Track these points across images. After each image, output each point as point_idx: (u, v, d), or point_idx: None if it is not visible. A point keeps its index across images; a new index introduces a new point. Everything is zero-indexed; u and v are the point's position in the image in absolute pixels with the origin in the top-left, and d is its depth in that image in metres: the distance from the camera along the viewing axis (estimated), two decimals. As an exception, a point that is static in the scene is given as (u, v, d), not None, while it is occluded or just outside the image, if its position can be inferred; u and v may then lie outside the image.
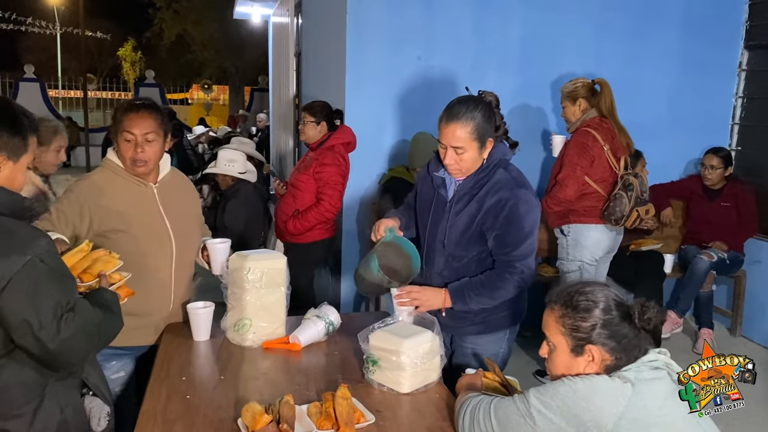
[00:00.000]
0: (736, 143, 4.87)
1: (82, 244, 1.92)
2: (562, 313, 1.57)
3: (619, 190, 3.64)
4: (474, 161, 2.19)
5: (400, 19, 4.18)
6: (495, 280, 2.19)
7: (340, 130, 3.85)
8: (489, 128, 2.17)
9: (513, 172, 2.21)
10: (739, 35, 4.73)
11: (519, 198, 2.13)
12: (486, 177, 2.19)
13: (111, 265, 1.93)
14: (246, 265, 2.22)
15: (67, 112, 19.97)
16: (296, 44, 7.53)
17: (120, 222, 2.25)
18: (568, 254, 3.75)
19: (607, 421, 1.40)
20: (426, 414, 1.82)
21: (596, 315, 1.52)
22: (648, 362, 1.48)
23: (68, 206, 2.21)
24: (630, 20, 4.46)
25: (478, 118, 2.14)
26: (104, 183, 2.29)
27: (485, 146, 2.18)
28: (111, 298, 1.80)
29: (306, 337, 2.24)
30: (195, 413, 1.77)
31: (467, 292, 2.21)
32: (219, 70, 25.29)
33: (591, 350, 1.52)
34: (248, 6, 10.66)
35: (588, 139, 3.62)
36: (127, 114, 2.25)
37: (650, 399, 1.41)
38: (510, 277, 2.18)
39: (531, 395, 1.50)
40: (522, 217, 2.13)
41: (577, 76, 3.84)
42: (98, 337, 1.63)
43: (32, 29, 22.51)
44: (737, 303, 4.61)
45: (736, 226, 4.44)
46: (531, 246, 2.18)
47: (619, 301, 1.55)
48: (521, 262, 2.18)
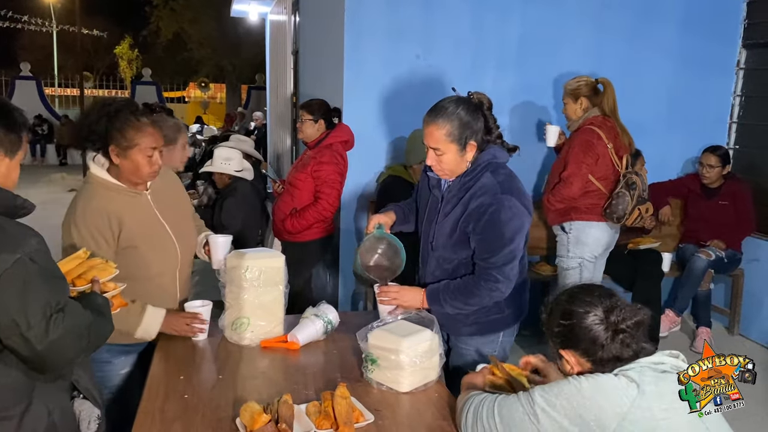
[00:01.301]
0: (734, 142, 4.87)
1: (80, 251, 1.88)
2: (545, 320, 1.63)
3: (622, 189, 3.66)
4: (455, 163, 2.15)
5: (398, 17, 4.17)
6: (470, 287, 2.17)
7: (338, 128, 3.84)
8: (471, 131, 2.12)
9: (500, 177, 2.13)
10: (738, 33, 4.73)
11: (502, 204, 2.07)
12: (472, 180, 2.15)
13: (106, 273, 1.88)
14: (244, 263, 2.21)
15: (64, 110, 19.93)
16: (294, 42, 7.52)
17: (128, 238, 2.18)
18: (568, 251, 3.75)
19: (610, 421, 1.39)
20: (425, 413, 1.82)
21: (559, 321, 1.56)
22: (652, 363, 1.47)
23: (102, 242, 2.12)
24: (629, 18, 4.46)
25: (456, 120, 2.10)
26: (105, 203, 2.16)
27: (466, 149, 2.13)
28: (102, 302, 1.75)
29: (304, 335, 2.24)
30: (193, 413, 1.76)
31: (443, 296, 2.19)
32: (216, 68, 25.24)
33: (564, 355, 1.57)
34: (245, 4, 10.65)
35: (593, 137, 3.63)
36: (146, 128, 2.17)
37: (655, 401, 1.40)
38: (484, 285, 2.14)
39: (536, 393, 1.50)
40: (503, 223, 2.08)
41: (576, 74, 3.84)
42: (87, 340, 1.59)
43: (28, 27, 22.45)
44: (735, 301, 4.62)
45: (734, 224, 4.45)
46: (511, 254, 2.12)
47: (588, 304, 1.54)
48: (497, 270, 2.12)
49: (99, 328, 1.65)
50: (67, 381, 1.72)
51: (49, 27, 24.08)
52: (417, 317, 2.09)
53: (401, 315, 2.14)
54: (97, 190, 2.18)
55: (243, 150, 4.44)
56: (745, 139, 4.82)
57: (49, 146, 16.92)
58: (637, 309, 1.52)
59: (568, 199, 3.67)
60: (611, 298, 1.54)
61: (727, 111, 4.85)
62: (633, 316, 1.50)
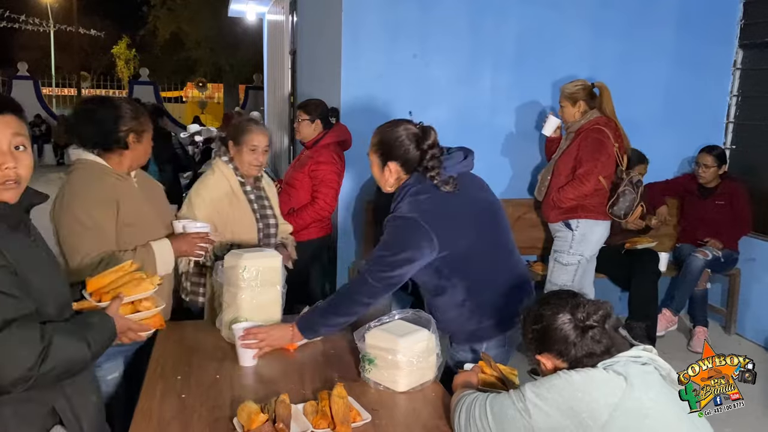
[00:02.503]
0: (730, 141, 4.88)
1: (125, 263, 1.84)
2: (522, 329, 1.66)
3: (627, 186, 3.76)
4: (378, 176, 2.20)
5: (395, 17, 4.17)
6: (339, 295, 2.14)
7: (335, 128, 3.84)
8: (393, 153, 2.12)
9: (416, 198, 2.07)
10: (734, 34, 4.74)
11: (403, 219, 2.04)
12: (395, 205, 2.14)
13: (140, 289, 1.79)
14: (241, 263, 2.21)
15: (61, 110, 19.92)
16: (291, 42, 7.52)
17: (125, 216, 2.22)
18: (570, 248, 3.79)
19: (602, 412, 1.41)
20: (422, 412, 1.82)
21: (532, 326, 1.59)
22: (632, 357, 1.51)
23: (112, 218, 2.19)
24: (625, 18, 4.47)
25: (381, 135, 2.16)
26: (102, 183, 2.21)
27: (385, 168, 2.15)
28: (96, 322, 1.59)
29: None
30: (190, 413, 1.76)
31: (314, 319, 2.15)
32: (214, 68, 25.21)
33: (541, 359, 1.59)
34: (243, 4, 10.64)
35: (603, 137, 3.70)
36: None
37: (643, 391, 1.43)
38: (356, 288, 2.11)
39: (527, 389, 1.51)
40: (396, 235, 2.05)
41: (572, 75, 3.86)
42: (38, 359, 1.38)
43: (26, 27, 22.44)
44: (731, 301, 4.63)
45: (731, 224, 4.45)
46: (390, 265, 2.03)
47: (556, 306, 1.56)
48: (372, 274, 2.05)
49: (65, 350, 1.45)
50: (44, 407, 1.53)
51: (47, 27, 24.08)
52: (414, 317, 2.09)
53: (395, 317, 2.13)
54: (92, 172, 2.23)
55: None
56: (741, 139, 4.83)
57: (46, 146, 16.90)
58: (600, 303, 1.55)
59: (581, 197, 3.73)
60: (575, 298, 1.58)
61: (723, 111, 4.86)
62: (597, 311, 1.53)
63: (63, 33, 24.34)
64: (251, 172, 2.80)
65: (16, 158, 1.47)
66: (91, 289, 1.76)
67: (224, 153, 2.81)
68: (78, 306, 1.69)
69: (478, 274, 2.16)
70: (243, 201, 2.77)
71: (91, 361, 1.54)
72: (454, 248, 2.07)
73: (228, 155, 2.79)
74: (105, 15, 29.93)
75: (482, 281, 2.17)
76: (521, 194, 4.48)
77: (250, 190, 2.83)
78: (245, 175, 2.80)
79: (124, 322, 1.75)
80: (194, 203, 2.66)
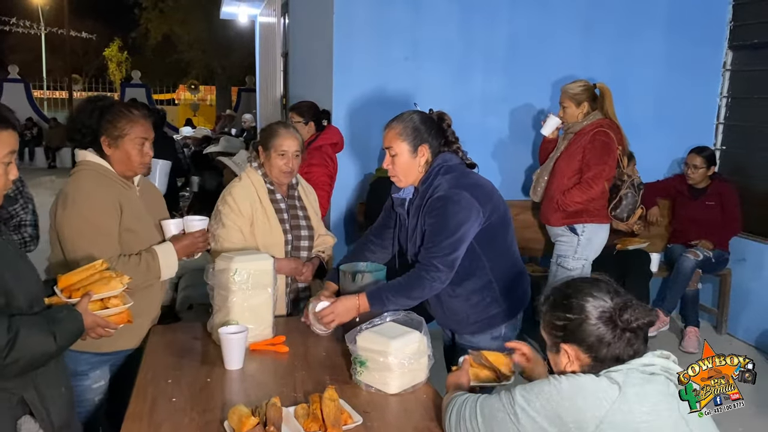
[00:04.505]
0: (720, 142, 4.91)
1: (96, 262, 1.87)
2: (544, 310, 1.57)
3: (628, 189, 3.78)
4: (407, 165, 2.22)
5: (387, 19, 4.18)
6: (412, 279, 2.19)
7: (327, 130, 3.84)
8: (422, 135, 2.21)
9: (451, 175, 2.18)
10: (724, 35, 4.78)
11: (449, 198, 2.13)
12: (427, 187, 2.20)
13: (109, 287, 1.82)
14: (232, 266, 2.20)
15: (53, 112, 19.82)
16: (283, 44, 7.52)
17: (126, 221, 2.21)
18: (576, 252, 3.77)
19: (588, 423, 1.38)
20: (414, 414, 1.82)
21: (565, 314, 1.50)
22: (641, 365, 1.44)
23: (116, 218, 2.17)
24: (615, 20, 4.49)
25: (409, 123, 2.21)
26: (106, 186, 2.19)
27: (417, 152, 2.20)
28: (63, 317, 1.64)
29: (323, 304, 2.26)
30: (181, 416, 1.75)
31: (385, 294, 2.19)
32: (206, 71, 25.18)
33: (565, 349, 1.50)
34: (235, 6, 10.64)
35: (609, 139, 3.69)
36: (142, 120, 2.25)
37: (636, 403, 1.37)
38: (425, 274, 2.16)
39: (516, 392, 1.50)
40: (449, 216, 2.12)
41: (563, 76, 3.87)
42: (1, 356, 1.45)
43: (16, 29, 22.34)
44: (723, 301, 4.65)
45: (721, 224, 4.48)
46: (453, 245, 2.13)
47: (598, 299, 1.48)
48: (439, 259, 2.14)
49: (28, 343, 1.50)
50: (13, 396, 1.57)
51: (38, 29, 23.98)
52: (405, 319, 2.09)
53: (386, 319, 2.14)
54: (97, 174, 2.20)
55: (230, 151, 4.45)
56: (731, 140, 4.86)
57: (37, 149, 16.80)
58: (648, 310, 1.47)
59: (588, 201, 3.69)
60: (621, 296, 1.49)
61: (713, 112, 4.89)
62: (644, 317, 1.46)
63: (54, 35, 24.21)
64: (281, 179, 2.64)
65: (8, 173, 1.57)
66: (62, 285, 1.81)
67: (255, 159, 2.68)
68: (49, 301, 1.75)
69: (499, 253, 2.26)
70: (270, 210, 2.61)
71: (56, 353, 1.61)
72: (489, 220, 2.19)
73: (258, 161, 2.67)
74: (96, 17, 29.82)
75: (502, 261, 2.28)
76: (514, 195, 4.49)
77: (280, 198, 2.66)
78: (276, 182, 2.67)
79: (92, 318, 1.79)
80: (222, 213, 2.58)
